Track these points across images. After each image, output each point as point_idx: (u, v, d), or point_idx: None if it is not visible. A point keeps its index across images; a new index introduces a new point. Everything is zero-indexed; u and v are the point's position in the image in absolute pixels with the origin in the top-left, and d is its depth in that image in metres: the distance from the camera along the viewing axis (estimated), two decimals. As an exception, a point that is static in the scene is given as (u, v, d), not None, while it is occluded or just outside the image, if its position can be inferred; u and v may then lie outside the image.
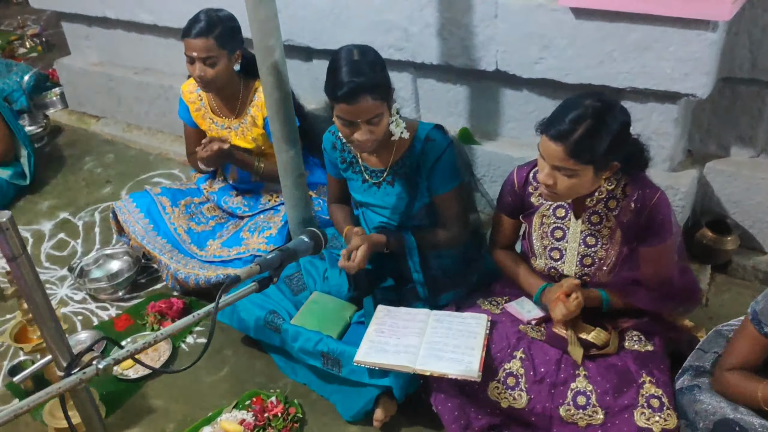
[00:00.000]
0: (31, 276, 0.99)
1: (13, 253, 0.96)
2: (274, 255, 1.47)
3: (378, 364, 1.95)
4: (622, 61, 2.28)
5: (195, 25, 2.48)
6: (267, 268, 1.45)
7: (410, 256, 2.18)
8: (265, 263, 1.45)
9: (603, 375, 1.87)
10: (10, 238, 0.95)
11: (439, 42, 2.63)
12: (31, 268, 0.99)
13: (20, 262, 0.97)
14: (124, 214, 2.79)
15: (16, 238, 0.96)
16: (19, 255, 0.97)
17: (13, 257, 0.96)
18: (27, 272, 0.99)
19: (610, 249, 1.96)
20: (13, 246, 0.96)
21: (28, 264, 0.99)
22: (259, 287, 1.44)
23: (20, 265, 0.98)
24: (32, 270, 1.00)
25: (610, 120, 1.74)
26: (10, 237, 0.95)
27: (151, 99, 3.88)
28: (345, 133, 1.98)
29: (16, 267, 0.97)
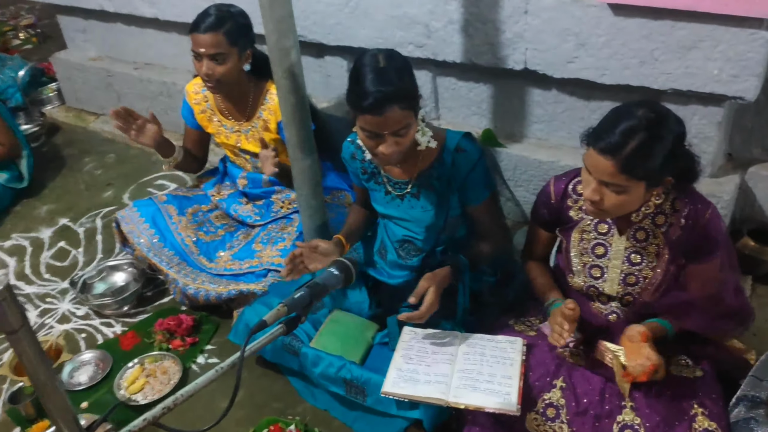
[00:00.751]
0: (34, 350, 0.84)
1: (12, 327, 0.81)
2: (302, 293, 1.33)
3: (408, 396, 1.81)
4: (664, 61, 2.12)
5: (204, 19, 2.32)
6: (295, 308, 1.31)
7: (461, 278, 2.02)
8: (292, 303, 1.31)
9: (652, 406, 1.73)
10: (9, 309, 0.80)
11: (463, 39, 2.46)
12: (33, 342, 0.84)
13: (21, 334, 0.82)
14: (128, 224, 2.63)
15: (16, 308, 0.81)
16: (19, 328, 0.82)
17: (13, 331, 0.81)
18: (29, 346, 0.84)
19: (657, 268, 1.81)
20: (12, 318, 0.81)
21: (30, 337, 0.84)
22: (287, 329, 1.30)
23: (21, 338, 0.82)
24: (34, 343, 0.84)
25: (665, 132, 1.58)
26: (9, 308, 0.79)
27: (153, 96, 3.71)
28: (369, 146, 1.82)
29: (17, 341, 0.82)
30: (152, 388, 2.22)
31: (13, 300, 0.81)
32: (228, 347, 2.40)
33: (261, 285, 2.34)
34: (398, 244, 2.17)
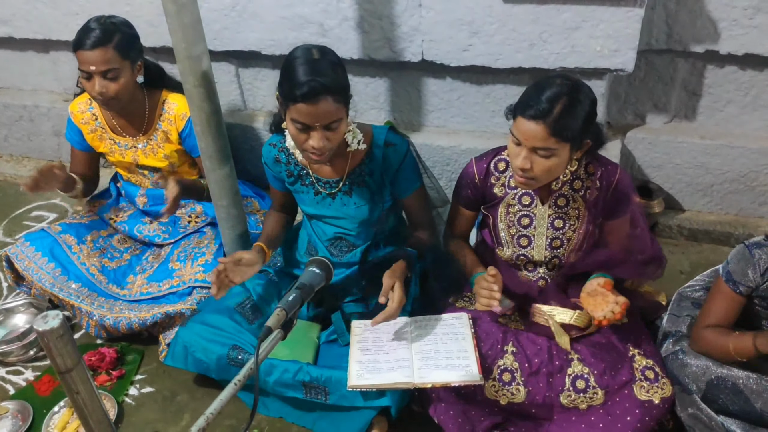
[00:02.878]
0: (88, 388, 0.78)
1: (67, 366, 0.75)
2: (295, 295, 1.32)
3: (375, 386, 1.84)
4: (552, 43, 2.31)
5: (88, 34, 2.16)
6: (291, 309, 1.30)
7: (413, 270, 2.06)
8: (289, 305, 1.30)
9: (595, 355, 1.89)
10: (65, 348, 0.74)
11: (359, 35, 2.51)
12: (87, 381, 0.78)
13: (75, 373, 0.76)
14: (23, 261, 2.40)
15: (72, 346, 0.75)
16: (74, 366, 0.76)
17: (67, 369, 0.75)
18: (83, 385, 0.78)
19: (579, 229, 1.98)
20: (68, 357, 0.75)
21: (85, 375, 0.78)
22: (284, 333, 1.28)
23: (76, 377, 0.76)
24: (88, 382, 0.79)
25: (582, 97, 1.75)
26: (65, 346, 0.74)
27: (10, 122, 3.40)
28: (299, 140, 1.82)
29: (70, 380, 0.76)
30: (87, 430, 2.06)
31: (70, 338, 0.75)
32: (161, 373, 2.28)
33: (188, 304, 2.25)
34: (329, 242, 2.18)
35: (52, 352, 0.74)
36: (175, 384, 2.23)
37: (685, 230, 2.68)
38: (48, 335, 0.73)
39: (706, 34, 2.36)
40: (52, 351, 0.74)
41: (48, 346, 0.74)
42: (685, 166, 2.62)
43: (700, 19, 2.33)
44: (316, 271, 1.41)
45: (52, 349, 0.74)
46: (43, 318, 0.74)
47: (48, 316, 0.74)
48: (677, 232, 2.68)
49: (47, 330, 0.73)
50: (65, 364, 0.75)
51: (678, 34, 2.38)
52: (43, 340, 0.74)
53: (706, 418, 1.77)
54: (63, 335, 0.73)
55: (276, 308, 1.29)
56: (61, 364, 0.75)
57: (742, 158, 2.54)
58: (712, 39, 2.36)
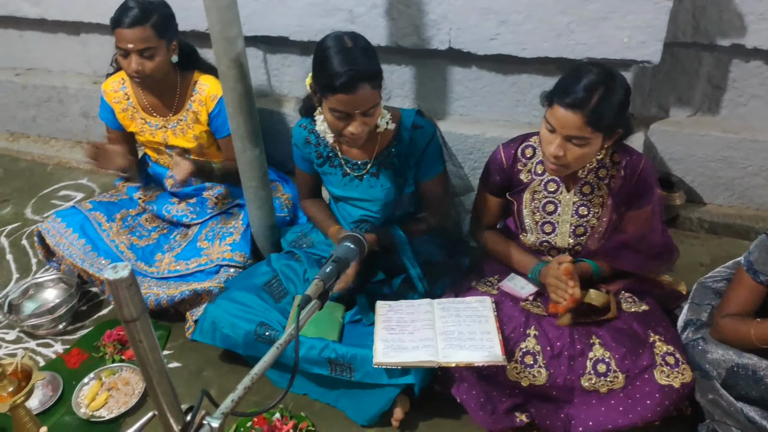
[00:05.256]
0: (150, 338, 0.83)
1: (132, 315, 0.79)
2: (331, 268, 1.36)
3: (400, 363, 1.88)
4: (579, 33, 2.33)
5: (127, 12, 2.22)
6: (328, 281, 1.34)
7: (403, 252, 2.10)
8: (326, 276, 1.34)
9: (617, 340, 1.92)
10: (132, 298, 0.78)
11: (387, 22, 2.54)
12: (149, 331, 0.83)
13: (140, 323, 0.81)
14: (54, 236, 2.46)
15: (138, 296, 0.79)
16: (139, 316, 0.80)
17: (133, 319, 0.80)
18: (145, 335, 0.82)
19: (602, 217, 2.01)
20: (133, 306, 0.79)
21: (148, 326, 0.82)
22: (321, 303, 1.32)
23: (139, 327, 0.81)
24: (150, 332, 0.83)
25: (618, 86, 1.77)
26: (132, 296, 0.78)
27: (39, 102, 3.46)
28: (337, 127, 1.86)
29: (135, 330, 0.80)
30: (116, 401, 2.11)
31: (136, 288, 0.79)
32: (187, 349, 2.33)
33: (215, 282, 2.30)
34: (355, 224, 2.22)
35: (120, 300, 0.78)
36: (201, 360, 2.28)
37: (705, 223, 2.70)
38: (117, 284, 0.77)
39: (732, 27, 2.37)
40: (120, 300, 0.78)
41: (117, 294, 0.78)
42: (707, 159, 2.64)
43: (727, 13, 2.35)
44: (350, 246, 1.45)
45: (121, 297, 0.78)
46: (113, 268, 0.78)
47: (117, 267, 0.78)
48: (698, 225, 2.70)
49: (117, 279, 0.77)
50: (131, 313, 0.79)
51: (704, 28, 2.39)
52: (112, 289, 0.78)
53: (725, 403, 1.80)
54: (131, 285, 0.77)
55: (314, 278, 1.33)
56: (127, 313, 0.79)
57: (764, 152, 2.55)
58: (738, 33, 2.37)
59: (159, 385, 0.88)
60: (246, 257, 2.39)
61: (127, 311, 0.79)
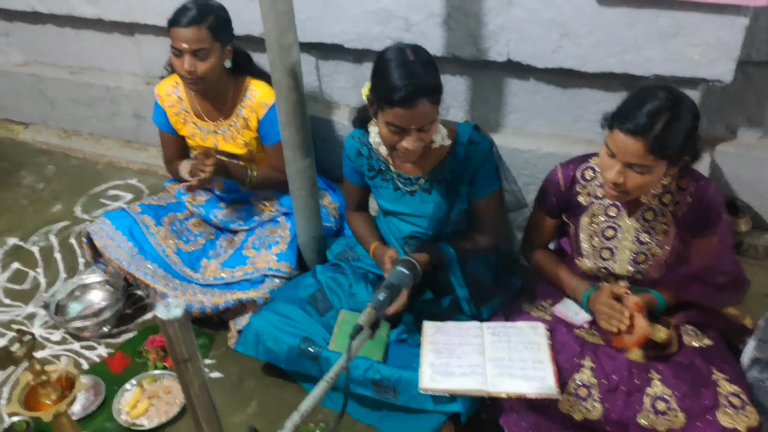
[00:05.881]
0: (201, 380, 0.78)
1: (184, 356, 0.75)
2: (384, 295, 1.30)
3: (448, 390, 1.81)
4: (647, 48, 2.22)
5: (185, 12, 2.20)
6: (381, 309, 1.28)
7: (451, 271, 2.03)
8: (379, 305, 1.28)
9: (677, 376, 1.81)
10: (184, 338, 0.73)
11: (444, 32, 2.47)
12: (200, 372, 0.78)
13: (192, 364, 0.76)
14: (102, 238, 2.46)
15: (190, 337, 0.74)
16: (191, 357, 0.75)
17: (184, 359, 0.75)
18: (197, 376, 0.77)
19: (665, 245, 1.91)
20: (186, 346, 0.74)
21: (199, 367, 0.77)
22: (372, 333, 1.27)
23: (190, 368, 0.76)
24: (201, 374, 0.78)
25: (685, 113, 1.66)
26: (185, 336, 0.73)
27: (92, 101, 3.49)
28: (391, 141, 1.80)
29: (186, 370, 0.75)
30: (157, 410, 2.09)
31: (188, 328, 0.74)
32: (229, 359, 2.30)
33: (260, 292, 2.26)
34: (404, 240, 2.16)
35: (173, 341, 0.74)
36: (242, 370, 2.25)
37: (772, 251, 2.56)
38: (170, 324, 0.73)
39: (812, 46, 2.24)
40: (173, 340, 0.74)
41: (169, 334, 0.74)
42: (777, 183, 2.50)
43: (809, 31, 2.22)
44: (404, 271, 1.39)
45: (173, 338, 0.73)
46: (165, 306, 0.74)
47: (170, 304, 0.74)
48: (764, 252, 2.56)
49: (170, 319, 0.72)
50: (184, 353, 0.74)
51: (782, 46, 2.26)
52: (164, 329, 0.73)
53: (795, 451, 1.68)
54: (184, 324, 0.72)
55: (367, 306, 1.27)
56: (179, 353, 0.74)
57: (838, 179, 2.41)
58: (819, 52, 2.24)
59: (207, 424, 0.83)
60: (292, 268, 2.35)
61: (180, 351, 0.75)
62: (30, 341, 1.61)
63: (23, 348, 1.58)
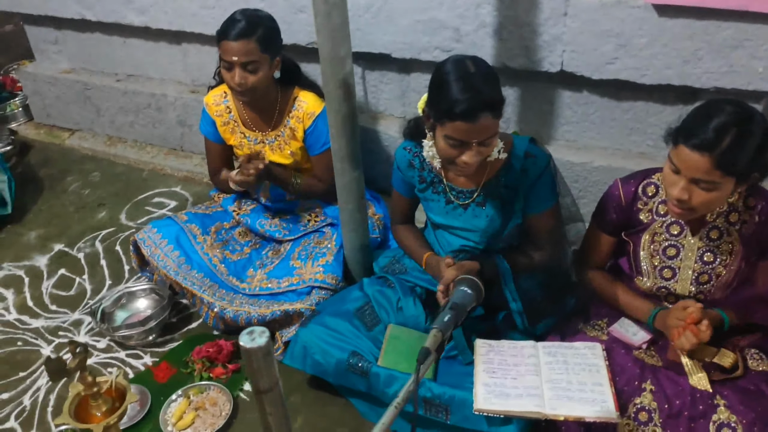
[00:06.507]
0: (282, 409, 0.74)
1: (266, 386, 0.71)
2: (449, 316, 1.27)
3: (503, 412, 1.75)
4: (708, 60, 2.15)
5: (234, 25, 2.19)
6: (447, 330, 1.24)
7: (505, 284, 1.98)
8: (444, 326, 1.25)
9: (744, 403, 1.73)
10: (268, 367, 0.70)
11: (495, 42, 2.43)
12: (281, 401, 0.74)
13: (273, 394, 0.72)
14: (150, 246, 2.46)
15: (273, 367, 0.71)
16: (273, 387, 0.72)
17: (266, 390, 0.71)
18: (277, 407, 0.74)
19: (730, 265, 1.83)
20: (268, 376, 0.71)
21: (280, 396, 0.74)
22: (438, 355, 1.23)
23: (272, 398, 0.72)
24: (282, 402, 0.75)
25: (755, 127, 1.59)
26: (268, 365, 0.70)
27: (138, 108, 3.51)
28: (449, 155, 1.76)
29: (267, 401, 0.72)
30: (203, 422, 2.08)
31: (272, 358, 0.71)
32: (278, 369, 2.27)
33: (306, 304, 2.24)
34: (453, 254, 2.11)
35: (255, 370, 0.71)
36: (288, 384, 2.22)
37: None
38: (254, 353, 0.70)
39: None
40: (255, 370, 0.71)
41: (251, 364, 0.71)
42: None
43: None
44: (467, 291, 1.36)
45: (256, 367, 0.71)
46: (249, 334, 0.71)
47: (254, 332, 0.71)
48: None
49: (254, 348, 0.69)
50: (266, 384, 0.71)
51: None
52: (247, 358, 0.70)
53: None
54: (268, 354, 0.69)
55: (432, 329, 1.24)
56: (261, 383, 0.71)
57: None
58: None
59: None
60: (338, 280, 2.32)
61: (262, 381, 0.72)
62: (82, 353, 1.59)
63: (76, 360, 1.57)
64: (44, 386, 2.23)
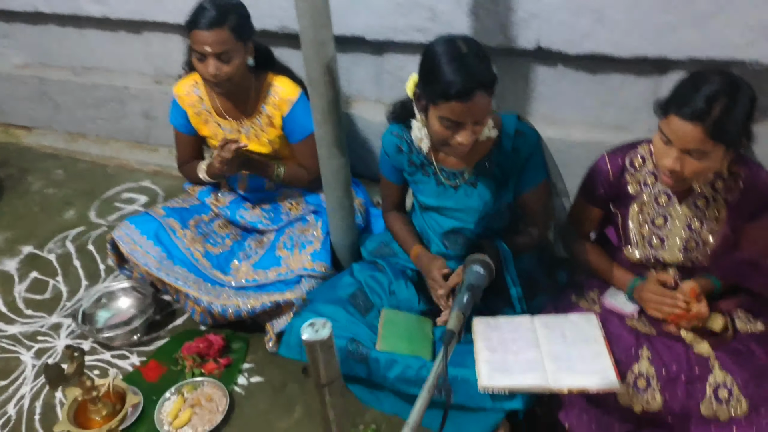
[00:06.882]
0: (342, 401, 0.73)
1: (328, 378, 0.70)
2: (467, 296, 1.27)
3: (508, 387, 1.77)
4: (684, 31, 2.19)
5: (204, 13, 2.12)
6: (467, 311, 1.24)
7: (506, 268, 1.99)
8: (465, 307, 1.25)
9: (737, 363, 1.78)
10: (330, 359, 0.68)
11: (471, 21, 2.42)
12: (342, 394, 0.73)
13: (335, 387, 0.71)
14: (129, 244, 2.38)
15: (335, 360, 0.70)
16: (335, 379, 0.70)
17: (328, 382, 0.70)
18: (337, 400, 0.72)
19: (717, 232, 1.88)
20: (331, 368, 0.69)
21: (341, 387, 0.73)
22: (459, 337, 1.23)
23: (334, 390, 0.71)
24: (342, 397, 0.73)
25: (742, 95, 1.63)
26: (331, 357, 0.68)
27: (99, 103, 3.40)
28: (444, 136, 1.75)
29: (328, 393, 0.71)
30: (201, 419, 2.04)
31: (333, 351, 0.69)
32: (268, 362, 2.25)
33: (297, 293, 2.21)
34: (444, 235, 2.11)
35: (318, 363, 0.69)
36: (284, 374, 2.20)
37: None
38: (317, 345, 0.68)
39: None
40: (319, 362, 0.69)
41: (314, 356, 0.69)
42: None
43: None
44: (480, 271, 1.35)
45: (319, 359, 0.69)
46: (311, 326, 0.69)
47: (316, 324, 0.68)
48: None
49: (317, 340, 0.67)
50: (328, 376, 0.69)
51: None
52: (310, 350, 0.69)
53: None
54: (331, 346, 0.67)
55: (454, 311, 1.23)
56: (323, 376, 0.70)
57: None
58: None
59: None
60: (327, 267, 2.30)
61: (324, 374, 0.70)
62: (80, 357, 1.54)
63: (74, 364, 1.52)
64: (28, 394, 2.15)
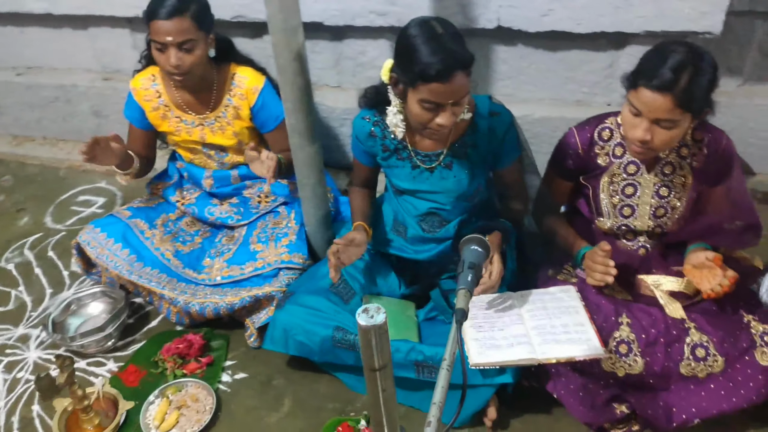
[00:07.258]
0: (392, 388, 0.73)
1: (380, 363, 0.70)
2: (471, 275, 1.27)
3: (498, 363, 1.80)
4: (638, 5, 2.25)
5: (164, 2, 2.05)
6: (472, 289, 1.26)
7: (508, 242, 2.02)
8: (470, 285, 1.26)
9: (711, 323, 1.87)
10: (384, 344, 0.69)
11: (430, 2, 2.43)
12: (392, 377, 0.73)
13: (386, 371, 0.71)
14: (95, 248, 2.31)
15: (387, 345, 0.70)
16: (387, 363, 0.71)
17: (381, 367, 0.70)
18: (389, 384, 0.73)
19: (684, 197, 1.95)
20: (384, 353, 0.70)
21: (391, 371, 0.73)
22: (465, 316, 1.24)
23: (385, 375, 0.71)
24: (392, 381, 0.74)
25: (706, 64, 1.69)
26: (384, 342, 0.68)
27: (45, 103, 3.27)
28: (424, 119, 1.75)
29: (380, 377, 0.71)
30: (189, 420, 2.00)
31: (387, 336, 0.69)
32: (250, 358, 2.23)
33: (276, 286, 2.19)
34: (420, 217, 2.12)
35: (372, 348, 0.69)
36: (268, 368, 2.18)
37: (758, 193, 2.67)
38: (372, 331, 0.68)
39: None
40: (373, 347, 0.69)
41: (369, 341, 0.69)
42: (759, 128, 2.59)
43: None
44: (478, 249, 1.36)
45: (374, 345, 0.69)
46: (365, 312, 0.69)
47: (370, 309, 0.69)
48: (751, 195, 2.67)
49: (373, 325, 0.68)
50: (380, 361, 0.70)
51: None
52: (364, 336, 0.69)
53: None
54: (385, 332, 0.68)
55: (459, 290, 1.24)
56: (377, 361, 0.70)
57: (817, 119, 2.52)
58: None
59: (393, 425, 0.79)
60: (305, 258, 2.28)
61: (377, 359, 0.70)
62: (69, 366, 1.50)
63: (64, 374, 1.47)
64: (3, 410, 2.07)
